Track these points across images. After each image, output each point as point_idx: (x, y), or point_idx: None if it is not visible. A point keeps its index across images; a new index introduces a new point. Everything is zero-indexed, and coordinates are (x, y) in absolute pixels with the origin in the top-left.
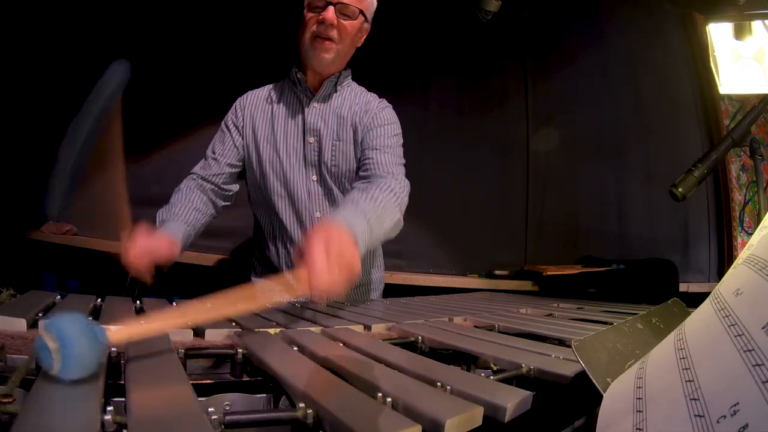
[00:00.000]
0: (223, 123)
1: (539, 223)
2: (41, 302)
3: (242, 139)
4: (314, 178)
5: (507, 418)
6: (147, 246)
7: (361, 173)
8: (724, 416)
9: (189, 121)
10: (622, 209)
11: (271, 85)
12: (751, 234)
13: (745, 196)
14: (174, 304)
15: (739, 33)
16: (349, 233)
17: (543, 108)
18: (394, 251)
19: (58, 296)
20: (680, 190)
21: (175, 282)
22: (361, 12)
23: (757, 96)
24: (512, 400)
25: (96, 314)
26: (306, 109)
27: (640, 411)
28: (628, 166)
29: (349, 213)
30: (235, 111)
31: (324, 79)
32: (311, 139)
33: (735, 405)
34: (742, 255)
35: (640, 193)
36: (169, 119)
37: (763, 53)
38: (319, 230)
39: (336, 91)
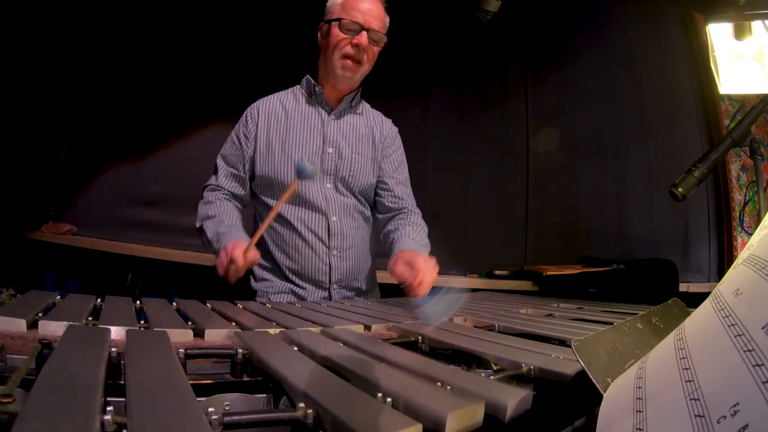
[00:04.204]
0: (234, 134)
1: (539, 223)
2: (41, 302)
3: (252, 149)
4: (328, 185)
5: (507, 418)
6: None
7: (389, 203)
8: (724, 416)
9: (188, 122)
10: (622, 209)
11: (280, 93)
12: (751, 234)
13: (745, 196)
14: (174, 304)
15: (739, 33)
16: (430, 257)
17: (543, 108)
18: None
19: (58, 296)
20: (680, 190)
21: (175, 282)
22: (384, 37)
23: (757, 96)
24: (512, 400)
25: (96, 314)
26: (325, 122)
27: (640, 411)
28: (628, 166)
29: (421, 245)
30: (246, 121)
31: (341, 95)
32: (330, 150)
33: (735, 405)
34: (742, 255)
35: (640, 193)
36: (168, 120)
37: (763, 53)
38: (417, 256)
39: (351, 107)
